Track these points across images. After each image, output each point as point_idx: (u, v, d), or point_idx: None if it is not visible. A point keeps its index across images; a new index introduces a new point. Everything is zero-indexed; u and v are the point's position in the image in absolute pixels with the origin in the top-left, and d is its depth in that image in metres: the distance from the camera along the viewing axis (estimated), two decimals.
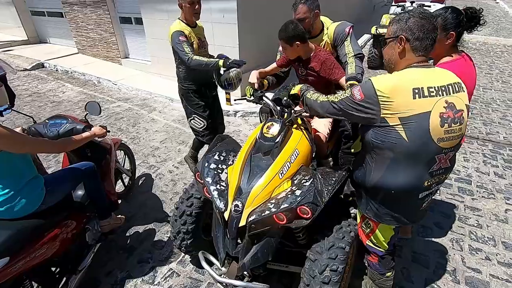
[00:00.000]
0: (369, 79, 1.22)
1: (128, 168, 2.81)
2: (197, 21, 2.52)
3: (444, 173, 1.30)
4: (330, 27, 2.04)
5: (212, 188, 1.52)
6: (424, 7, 7.02)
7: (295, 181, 1.49)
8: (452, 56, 1.64)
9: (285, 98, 1.73)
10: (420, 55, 1.22)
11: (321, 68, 1.88)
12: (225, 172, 1.61)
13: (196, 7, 2.37)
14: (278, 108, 1.76)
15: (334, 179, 1.49)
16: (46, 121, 1.90)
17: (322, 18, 2.08)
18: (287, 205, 1.33)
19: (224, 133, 3.05)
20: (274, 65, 2.17)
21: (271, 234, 1.45)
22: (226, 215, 1.44)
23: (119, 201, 2.43)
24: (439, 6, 8.38)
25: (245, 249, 1.45)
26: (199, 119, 2.65)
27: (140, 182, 2.97)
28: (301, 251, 1.60)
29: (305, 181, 1.44)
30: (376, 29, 5.89)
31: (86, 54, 7.01)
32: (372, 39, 6.21)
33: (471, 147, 3.45)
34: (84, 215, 1.91)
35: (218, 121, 2.89)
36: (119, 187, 2.67)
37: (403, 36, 1.20)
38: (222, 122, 2.99)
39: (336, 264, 1.37)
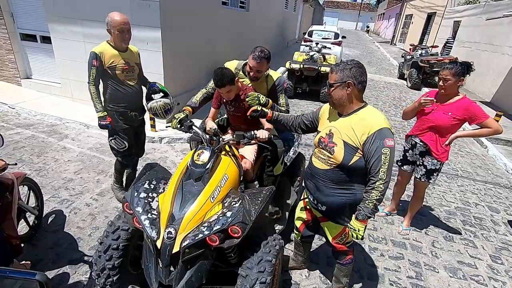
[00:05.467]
0: (382, 128, 1.46)
1: (34, 205, 2.46)
2: (130, 46, 2.53)
3: None
4: (273, 74, 2.37)
5: (143, 217, 1.51)
6: (326, 48, 8.40)
7: (226, 204, 1.61)
8: (459, 95, 2.32)
9: (214, 128, 1.88)
10: (362, 97, 1.58)
11: (249, 105, 2.11)
12: (156, 200, 1.62)
13: (126, 36, 2.39)
14: (207, 136, 1.89)
15: (260, 199, 1.67)
16: None
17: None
18: (219, 227, 1.44)
19: (151, 161, 2.97)
20: (213, 109, 2.36)
21: (204, 257, 1.52)
22: (158, 243, 1.45)
23: (22, 245, 2.11)
24: (338, 48, 10.11)
25: (179, 275, 1.48)
26: (120, 140, 2.60)
27: (50, 220, 2.62)
28: (233, 270, 1.69)
29: (234, 203, 1.58)
30: (290, 64, 6.76)
31: None
32: (287, 72, 7.03)
33: None
34: None
35: (139, 145, 2.89)
36: (22, 227, 2.31)
37: (350, 81, 1.50)
38: (143, 147, 2.98)
39: (265, 277, 1.51)
